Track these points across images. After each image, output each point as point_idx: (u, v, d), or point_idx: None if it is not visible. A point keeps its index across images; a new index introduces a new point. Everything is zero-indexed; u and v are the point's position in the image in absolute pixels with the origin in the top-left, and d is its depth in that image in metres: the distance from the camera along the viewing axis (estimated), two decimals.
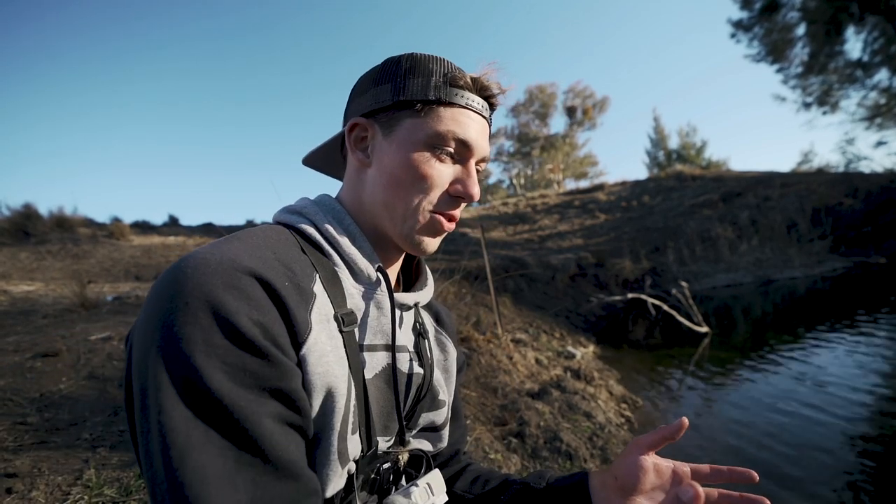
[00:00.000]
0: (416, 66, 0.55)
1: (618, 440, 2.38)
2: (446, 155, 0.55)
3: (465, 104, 0.55)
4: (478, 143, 0.56)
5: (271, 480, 0.38)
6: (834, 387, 3.19)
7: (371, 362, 0.54)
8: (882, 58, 12.74)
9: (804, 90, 14.61)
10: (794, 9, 13.26)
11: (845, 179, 12.19)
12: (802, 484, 2.08)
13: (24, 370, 2.29)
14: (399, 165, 0.54)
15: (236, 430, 0.38)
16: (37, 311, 3.66)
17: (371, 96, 0.56)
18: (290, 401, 0.42)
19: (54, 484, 1.46)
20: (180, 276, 0.40)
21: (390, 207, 0.55)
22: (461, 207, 0.58)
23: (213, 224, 12.20)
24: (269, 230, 0.51)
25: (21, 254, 6.90)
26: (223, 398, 0.37)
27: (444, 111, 0.54)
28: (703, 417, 2.94)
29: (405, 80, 0.54)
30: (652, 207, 13.53)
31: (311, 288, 0.48)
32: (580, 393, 2.95)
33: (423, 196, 0.55)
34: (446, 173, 0.56)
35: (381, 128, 0.56)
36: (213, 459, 0.36)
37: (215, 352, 0.38)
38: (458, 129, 0.54)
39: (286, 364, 0.42)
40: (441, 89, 0.54)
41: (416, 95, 0.54)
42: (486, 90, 0.57)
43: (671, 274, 8.87)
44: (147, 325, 0.40)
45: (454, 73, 0.55)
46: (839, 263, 9.30)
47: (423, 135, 0.54)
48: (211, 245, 0.45)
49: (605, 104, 27.47)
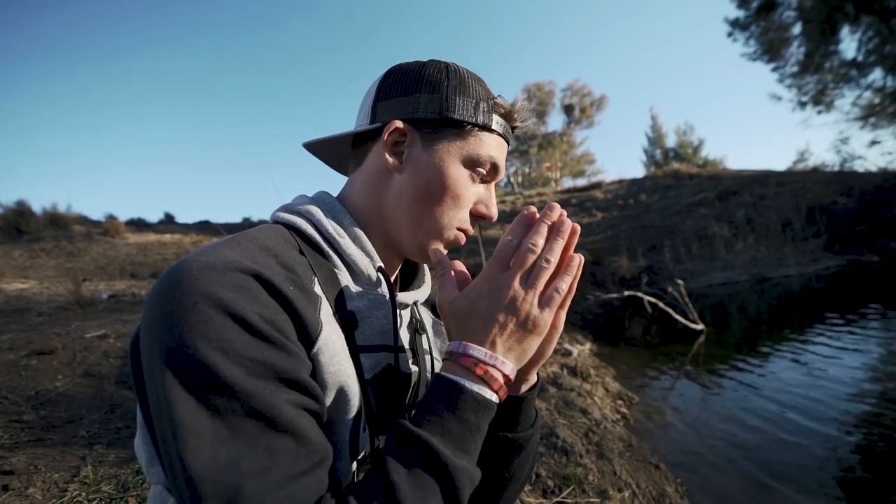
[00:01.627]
0: (463, 84, 0.56)
1: (613, 436, 2.39)
2: (479, 176, 0.58)
3: (502, 132, 0.58)
4: (503, 168, 0.60)
5: (305, 462, 0.39)
6: (828, 383, 3.22)
7: (370, 363, 0.54)
8: (876, 58, 12.81)
9: (800, 89, 14.68)
10: (790, 8, 13.32)
11: (839, 178, 12.27)
12: (797, 479, 2.11)
13: (19, 368, 2.28)
14: (436, 180, 0.55)
15: (264, 421, 0.38)
16: (31, 309, 3.64)
17: (414, 102, 0.55)
18: (306, 389, 0.42)
19: (51, 481, 1.46)
20: (184, 278, 0.40)
21: (417, 218, 0.56)
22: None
23: (209, 222, 12.15)
24: (267, 231, 0.51)
25: (14, 251, 6.85)
26: (244, 392, 0.38)
27: (487, 136, 0.57)
28: (699, 414, 2.96)
29: (455, 98, 0.55)
30: (649, 206, 13.57)
31: (314, 289, 0.48)
32: (577, 389, 2.97)
33: (454, 213, 0.57)
34: (475, 193, 0.58)
35: (423, 138, 0.56)
36: (244, 454, 0.36)
37: (231, 347, 0.38)
38: (496, 157, 0.58)
39: (300, 355, 0.43)
40: (487, 115, 0.56)
41: (465, 116, 0.55)
42: (515, 121, 0.60)
43: (668, 272, 8.91)
44: (156, 330, 0.39)
45: (496, 100, 0.58)
46: (833, 262, 9.37)
47: (467, 156, 0.56)
48: (210, 247, 0.44)
49: (602, 102, 27.51)
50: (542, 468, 1.91)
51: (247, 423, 0.37)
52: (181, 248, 8.20)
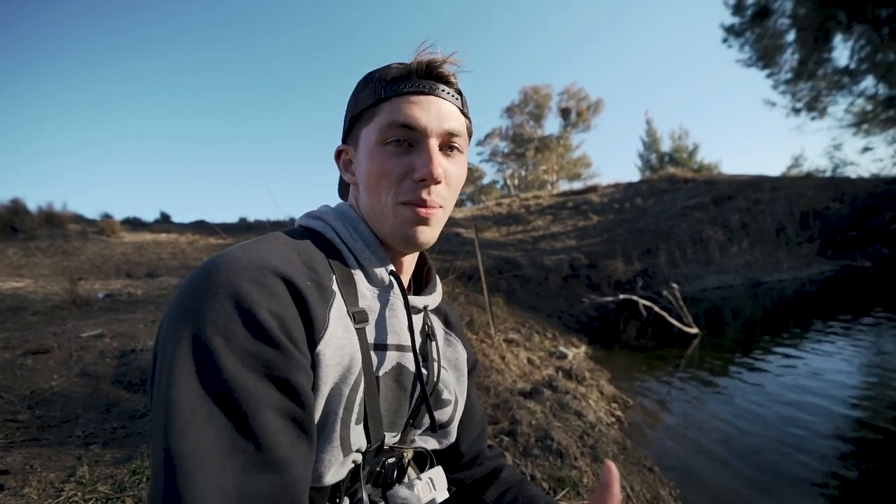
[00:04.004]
0: (366, 79, 0.59)
1: (608, 439, 2.41)
2: (398, 145, 0.55)
3: (409, 90, 0.54)
4: (425, 122, 0.54)
5: (258, 472, 0.39)
6: (822, 386, 3.25)
7: (382, 360, 0.57)
8: (868, 65, 12.96)
9: (793, 95, 14.81)
10: (784, 15, 13.47)
11: (832, 184, 12.41)
12: (790, 483, 2.13)
13: (14, 367, 2.27)
14: (366, 172, 0.57)
15: (238, 415, 0.40)
16: (27, 308, 3.62)
17: (345, 123, 0.63)
18: (295, 394, 0.44)
19: (47, 481, 1.45)
20: (213, 269, 0.44)
21: (372, 213, 0.59)
22: (432, 191, 0.55)
23: (205, 221, 12.09)
24: (292, 234, 0.56)
25: (9, 250, 6.80)
26: (232, 380, 0.40)
27: (386, 105, 0.55)
28: (693, 417, 2.98)
29: (357, 97, 0.59)
30: (644, 209, 13.66)
31: (331, 287, 0.52)
32: (571, 392, 2.98)
33: (388, 192, 0.55)
34: (405, 163, 0.55)
35: (353, 146, 0.61)
36: (209, 439, 0.38)
37: (233, 336, 0.41)
38: (398, 116, 0.54)
39: (298, 358, 0.45)
40: (380, 89, 0.55)
41: (365, 103, 0.57)
42: (430, 69, 0.56)
43: (662, 275, 8.97)
44: (176, 309, 0.44)
45: (391, 67, 0.56)
46: (826, 267, 9.47)
47: (373, 135, 0.56)
48: (241, 245, 0.49)
49: (599, 106, 27.66)
50: (536, 471, 1.93)
51: (223, 413, 0.39)
52: (177, 247, 8.17)
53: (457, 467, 0.76)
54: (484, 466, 0.77)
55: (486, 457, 0.79)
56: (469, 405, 0.75)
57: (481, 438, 0.78)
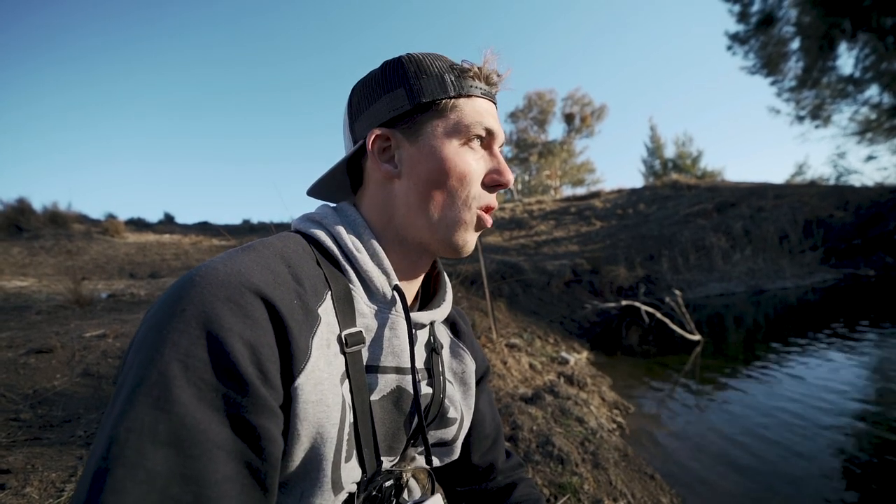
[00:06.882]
0: (423, 65, 0.54)
1: (609, 445, 2.40)
2: (476, 147, 0.55)
3: (480, 94, 0.55)
4: (499, 129, 0.56)
5: None
6: (824, 395, 3.23)
7: (379, 384, 0.52)
8: (873, 74, 12.96)
9: (798, 103, 14.83)
10: (788, 23, 13.50)
11: (836, 192, 12.37)
12: (792, 491, 2.11)
13: (17, 366, 2.28)
14: (435, 168, 0.53)
15: (181, 456, 0.34)
16: (30, 308, 3.64)
17: (384, 105, 0.54)
18: (256, 439, 0.38)
19: (48, 480, 1.46)
20: (188, 283, 0.40)
21: (429, 214, 0.54)
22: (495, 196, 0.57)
23: (208, 223, 12.15)
24: (286, 239, 0.50)
25: (13, 249, 6.84)
26: (182, 415, 0.35)
27: (465, 103, 0.54)
28: (694, 424, 2.96)
29: (419, 82, 0.53)
30: (647, 216, 13.64)
31: (317, 309, 0.46)
32: (573, 398, 2.97)
33: (465, 193, 0.53)
34: (481, 165, 0.55)
35: (405, 135, 0.54)
36: (137, 484, 0.32)
37: (193, 364, 0.36)
38: (482, 119, 0.54)
39: (265, 398, 0.39)
40: (456, 84, 0.53)
41: (435, 94, 0.52)
42: (491, 78, 0.56)
43: (665, 282, 8.94)
44: (145, 325, 0.40)
45: (462, 65, 0.55)
46: (829, 275, 9.42)
47: (453, 131, 0.53)
48: (227, 254, 0.44)
49: (602, 112, 27.69)
50: (537, 476, 1.92)
51: (164, 453, 0.34)
52: (180, 248, 8.20)
53: (469, 480, 0.72)
54: (497, 481, 0.73)
55: (501, 469, 0.74)
56: (479, 416, 0.71)
57: (495, 449, 0.74)
